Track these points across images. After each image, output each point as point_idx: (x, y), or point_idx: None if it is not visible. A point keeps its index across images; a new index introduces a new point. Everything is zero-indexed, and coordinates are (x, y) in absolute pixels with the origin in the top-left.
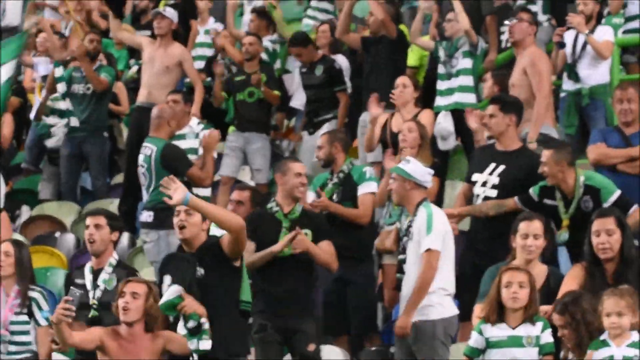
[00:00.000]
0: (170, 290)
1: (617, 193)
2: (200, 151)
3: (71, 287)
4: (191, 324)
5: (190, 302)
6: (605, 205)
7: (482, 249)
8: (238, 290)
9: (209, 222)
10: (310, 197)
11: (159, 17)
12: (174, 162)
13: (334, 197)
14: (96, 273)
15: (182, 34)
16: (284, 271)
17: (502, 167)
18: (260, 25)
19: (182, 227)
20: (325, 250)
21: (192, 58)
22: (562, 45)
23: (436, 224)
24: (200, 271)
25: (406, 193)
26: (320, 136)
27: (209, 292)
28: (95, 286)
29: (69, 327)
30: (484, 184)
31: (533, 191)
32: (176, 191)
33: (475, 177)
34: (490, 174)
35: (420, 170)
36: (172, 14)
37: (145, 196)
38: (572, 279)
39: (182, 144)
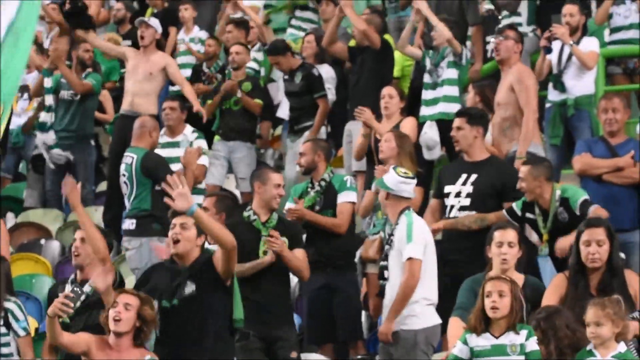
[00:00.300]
0: None
1: (583, 198)
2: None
3: (74, 285)
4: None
5: None
6: (576, 211)
7: (457, 259)
8: (229, 309)
9: (204, 237)
10: (288, 206)
11: (144, 25)
12: (154, 170)
13: (316, 205)
14: (81, 284)
15: (163, 43)
16: (263, 278)
17: (474, 176)
18: (239, 35)
19: (176, 241)
20: (298, 257)
21: (175, 63)
22: (548, 50)
23: (416, 233)
24: (192, 287)
25: (386, 203)
26: (302, 143)
27: (199, 310)
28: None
29: None
30: (457, 195)
31: (516, 205)
32: (182, 197)
33: (448, 189)
34: (464, 184)
35: (393, 181)
36: (156, 23)
37: (127, 204)
38: (555, 289)
39: (176, 152)
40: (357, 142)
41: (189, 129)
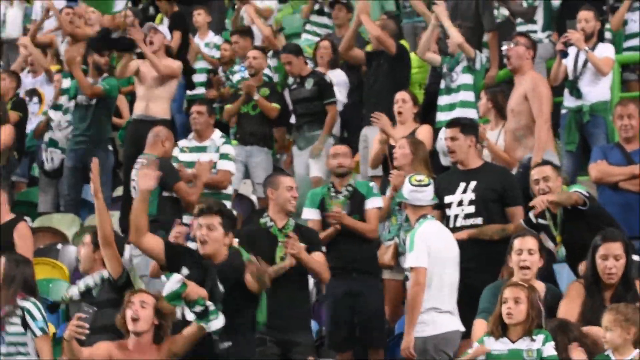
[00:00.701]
0: (172, 281)
1: (573, 188)
2: (219, 165)
3: (83, 305)
4: (198, 308)
5: (194, 287)
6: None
7: (466, 267)
8: (254, 313)
9: (232, 236)
10: (307, 213)
11: (153, 31)
12: (162, 176)
13: (343, 211)
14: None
15: (172, 50)
16: (280, 284)
17: (473, 183)
18: (245, 44)
19: (203, 242)
20: (316, 260)
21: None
22: (564, 54)
23: (417, 241)
24: (221, 288)
25: (407, 212)
26: (340, 146)
27: (226, 311)
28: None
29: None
30: (459, 203)
31: (531, 214)
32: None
33: (448, 199)
34: (464, 192)
35: (407, 190)
36: (164, 29)
37: None
38: (574, 297)
39: (202, 156)
40: (374, 148)
41: (217, 133)
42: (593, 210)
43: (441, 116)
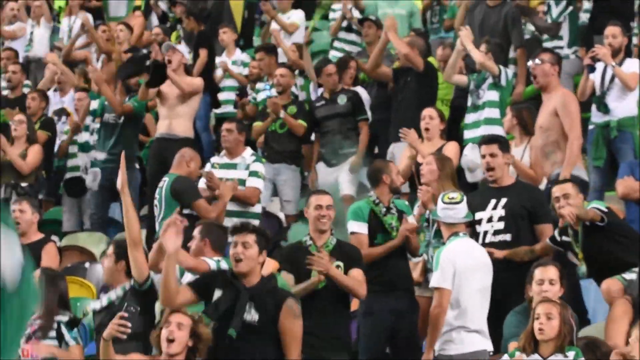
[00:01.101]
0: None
1: (591, 205)
2: (248, 182)
3: (126, 304)
4: None
5: None
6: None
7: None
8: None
9: (265, 254)
10: (353, 226)
11: (171, 50)
12: (181, 193)
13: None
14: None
15: (191, 68)
16: (316, 303)
17: (504, 200)
18: (270, 62)
19: (238, 260)
20: (352, 277)
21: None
22: (592, 69)
23: (442, 261)
24: (254, 316)
25: (442, 229)
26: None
27: (258, 339)
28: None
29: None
30: (489, 220)
31: (557, 232)
32: (170, 238)
33: (479, 215)
34: (494, 208)
35: (439, 208)
36: (182, 48)
37: (157, 228)
38: (620, 317)
39: (232, 174)
40: (402, 164)
41: (248, 151)
42: (613, 226)
43: (468, 134)
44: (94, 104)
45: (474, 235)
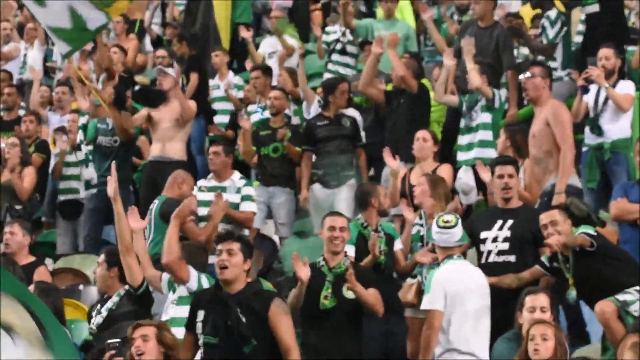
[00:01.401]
0: None
1: (580, 230)
2: (242, 206)
3: (108, 342)
4: None
5: None
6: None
7: None
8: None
9: (250, 262)
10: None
11: (162, 74)
12: (170, 215)
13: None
14: (104, 300)
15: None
16: (328, 323)
17: (510, 222)
18: (265, 82)
19: (223, 267)
20: (371, 293)
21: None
22: (585, 90)
23: (434, 283)
24: (242, 319)
25: (437, 252)
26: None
27: (246, 343)
28: (98, 312)
29: None
30: (494, 240)
31: (544, 258)
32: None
33: (484, 234)
34: (500, 229)
35: (433, 231)
36: (173, 71)
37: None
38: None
39: (223, 197)
40: (390, 185)
41: (237, 175)
42: (603, 249)
43: (461, 156)
44: (83, 120)
45: (478, 253)
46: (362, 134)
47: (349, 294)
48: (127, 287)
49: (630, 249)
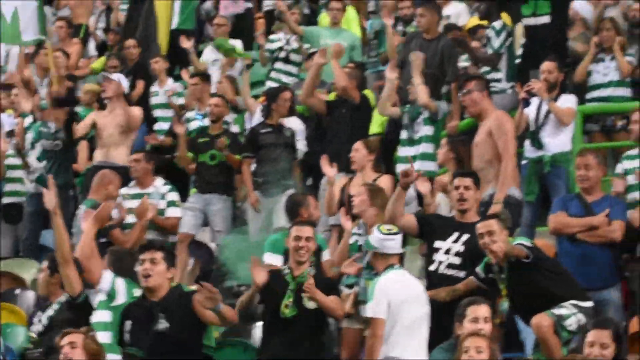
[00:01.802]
0: None
1: (516, 241)
2: (167, 212)
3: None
4: None
5: None
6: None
7: None
8: (202, 338)
9: (174, 270)
10: (269, 258)
11: (106, 80)
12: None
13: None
14: (45, 307)
15: (130, 96)
16: (288, 332)
17: (466, 236)
18: (204, 89)
19: (146, 276)
20: (331, 300)
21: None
22: (527, 103)
23: (378, 292)
24: (165, 324)
25: (373, 262)
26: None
27: (172, 344)
28: (39, 319)
29: None
30: (447, 252)
31: (479, 268)
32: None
33: (438, 244)
34: (455, 242)
35: (377, 239)
36: (118, 77)
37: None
38: None
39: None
40: (327, 195)
41: (160, 181)
42: (538, 262)
43: (401, 168)
44: (28, 121)
45: (429, 263)
46: (304, 142)
47: (310, 304)
48: (66, 296)
49: (568, 262)
